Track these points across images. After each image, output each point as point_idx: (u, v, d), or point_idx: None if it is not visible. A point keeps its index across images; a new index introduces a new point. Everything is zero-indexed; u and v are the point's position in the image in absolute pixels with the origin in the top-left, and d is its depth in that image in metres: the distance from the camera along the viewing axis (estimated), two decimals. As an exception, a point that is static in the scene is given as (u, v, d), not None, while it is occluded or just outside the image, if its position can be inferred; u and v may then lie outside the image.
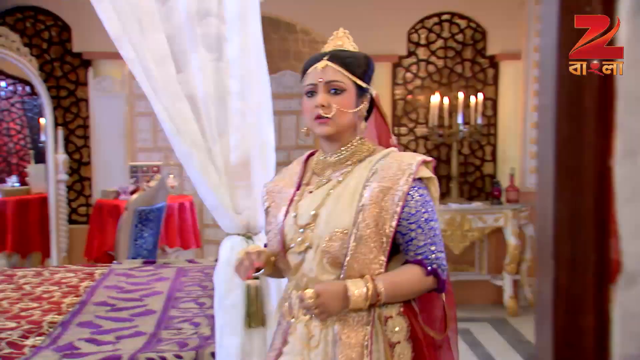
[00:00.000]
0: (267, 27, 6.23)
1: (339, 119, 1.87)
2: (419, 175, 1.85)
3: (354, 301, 1.75)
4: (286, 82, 6.25)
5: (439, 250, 1.85)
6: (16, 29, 6.10)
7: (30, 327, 2.89)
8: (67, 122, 6.27)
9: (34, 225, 5.95)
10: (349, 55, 1.94)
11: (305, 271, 1.88)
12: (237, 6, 2.36)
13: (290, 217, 1.92)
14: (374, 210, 1.81)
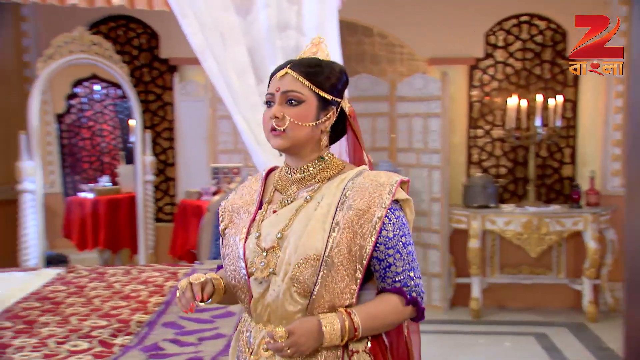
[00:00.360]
0: (344, 30, 6.18)
1: (293, 132, 1.69)
2: (395, 197, 1.67)
3: (329, 338, 1.60)
4: (362, 85, 6.20)
5: (417, 276, 1.69)
6: (109, 37, 6.30)
7: (119, 325, 2.96)
8: (154, 125, 6.42)
9: (123, 223, 6.12)
10: (313, 64, 1.73)
11: (269, 300, 1.67)
12: (316, 19, 2.34)
13: (252, 238, 1.72)
14: (348, 234, 1.63)
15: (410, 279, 1.67)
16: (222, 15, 2.36)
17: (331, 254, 1.62)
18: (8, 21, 6.12)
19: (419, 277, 1.70)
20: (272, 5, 2.31)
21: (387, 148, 6.36)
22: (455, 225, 6.05)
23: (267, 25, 2.34)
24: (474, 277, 5.94)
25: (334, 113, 1.74)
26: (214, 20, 2.35)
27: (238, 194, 1.88)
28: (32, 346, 2.70)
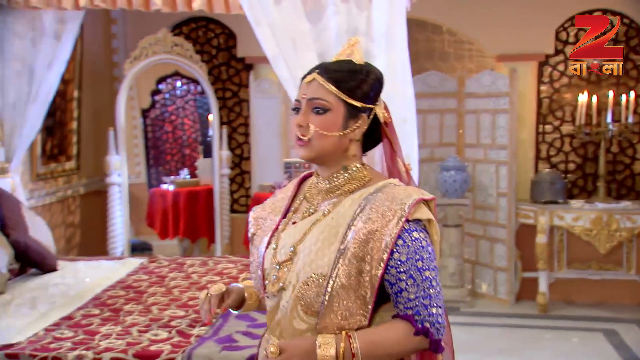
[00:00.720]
0: (413, 28, 6.15)
1: (318, 142, 1.54)
2: (414, 217, 1.49)
3: (321, 359, 1.45)
4: (431, 81, 6.10)
5: (435, 305, 1.49)
6: (190, 37, 6.42)
7: (196, 316, 3.02)
8: (230, 121, 6.51)
9: (202, 213, 6.25)
10: (343, 69, 1.56)
11: (279, 316, 1.57)
12: (385, 25, 2.31)
13: (270, 249, 1.61)
14: (358, 255, 1.48)
15: (424, 307, 1.48)
16: (294, 23, 2.35)
17: (339, 275, 1.48)
18: (99, 24, 6.31)
19: (436, 305, 1.50)
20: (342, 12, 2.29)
21: (454, 144, 6.25)
22: (522, 220, 5.89)
23: (336, 31, 2.32)
24: (541, 272, 5.77)
25: (364, 121, 1.58)
26: (286, 28, 2.35)
27: (272, 199, 1.76)
28: (116, 334, 2.79)
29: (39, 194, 5.28)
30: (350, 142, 1.57)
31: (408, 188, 1.57)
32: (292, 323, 1.55)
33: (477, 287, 6.20)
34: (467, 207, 5.96)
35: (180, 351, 2.54)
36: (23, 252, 3.79)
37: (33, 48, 4.29)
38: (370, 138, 1.64)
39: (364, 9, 2.31)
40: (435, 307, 1.50)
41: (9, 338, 2.76)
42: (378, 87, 1.59)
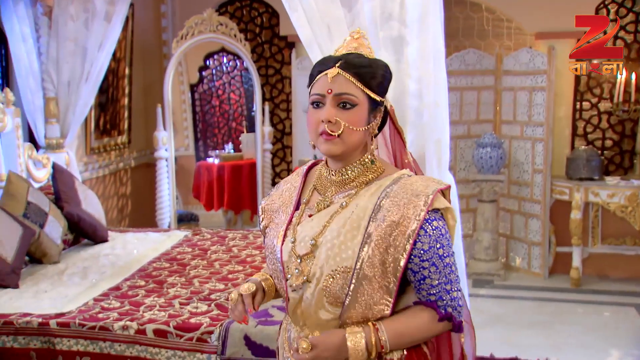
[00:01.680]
0: (453, 6, 5.98)
1: (348, 137, 1.50)
2: (433, 207, 1.47)
3: (354, 355, 1.46)
4: (469, 59, 5.94)
5: (455, 289, 1.50)
6: (235, 16, 6.38)
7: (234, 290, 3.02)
8: (273, 97, 6.49)
9: (245, 186, 6.27)
10: (365, 64, 1.52)
11: (303, 308, 1.55)
12: (419, 10, 2.22)
13: (288, 243, 1.57)
14: (381, 247, 1.46)
15: (447, 292, 1.49)
16: (329, 8, 2.29)
17: (363, 267, 1.46)
18: (149, 4, 6.32)
19: (457, 289, 1.50)
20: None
21: (491, 120, 6.10)
22: (557, 196, 5.74)
23: (370, 16, 2.25)
24: (575, 247, 5.63)
25: (381, 114, 1.58)
26: (321, 14, 2.29)
27: (279, 191, 1.72)
28: (160, 305, 2.82)
29: (93, 167, 5.36)
30: (369, 136, 1.57)
31: (423, 178, 1.56)
32: (318, 314, 1.53)
33: (511, 260, 6.09)
34: (502, 183, 5.83)
35: (218, 325, 2.56)
36: (76, 223, 3.86)
37: (86, 29, 4.32)
38: (379, 131, 1.63)
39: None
40: (456, 291, 1.51)
41: (61, 307, 2.83)
42: (390, 80, 1.59)
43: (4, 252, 3.15)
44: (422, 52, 2.27)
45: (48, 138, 4.38)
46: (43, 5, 4.21)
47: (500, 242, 6.06)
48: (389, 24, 2.29)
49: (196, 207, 6.70)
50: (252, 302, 1.62)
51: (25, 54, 4.16)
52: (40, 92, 4.31)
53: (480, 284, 5.60)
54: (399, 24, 2.29)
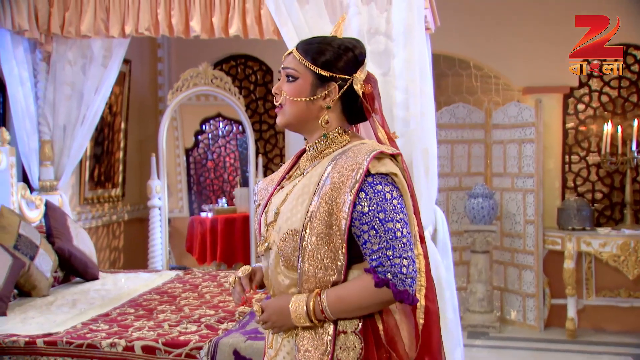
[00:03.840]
0: (442, 63, 6.20)
1: (289, 108, 1.60)
2: (377, 171, 1.49)
3: (295, 318, 1.51)
4: (459, 113, 6.11)
5: (398, 255, 1.45)
6: (230, 74, 6.57)
7: (225, 315, 3.02)
8: (267, 152, 6.60)
9: (238, 239, 6.27)
10: (317, 41, 1.62)
11: (269, 275, 1.61)
12: (404, 24, 2.34)
13: (264, 214, 1.66)
14: (325, 209, 1.49)
15: (387, 258, 1.45)
16: (317, 23, 2.40)
17: (308, 229, 1.50)
18: (146, 61, 6.52)
19: (399, 256, 1.45)
20: (363, 13, 2.33)
21: (482, 173, 6.20)
22: (549, 246, 5.77)
23: (358, 31, 2.36)
24: (569, 298, 5.61)
25: (335, 90, 1.60)
26: (310, 28, 2.40)
27: (274, 173, 1.82)
28: (148, 327, 2.80)
29: (86, 217, 5.38)
30: (322, 110, 1.60)
31: (375, 144, 1.57)
32: (278, 279, 1.59)
33: (506, 313, 6.04)
34: (495, 233, 5.86)
35: (207, 341, 2.53)
36: (67, 259, 3.85)
37: (83, 74, 4.44)
38: (354, 110, 1.64)
39: (384, 10, 2.35)
40: (399, 257, 1.46)
41: (48, 329, 2.80)
42: (346, 58, 1.61)
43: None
44: (408, 63, 2.38)
45: (42, 180, 4.42)
46: (42, 51, 4.36)
47: (495, 295, 6.03)
48: (376, 38, 2.40)
49: (189, 264, 6.67)
50: (249, 283, 1.67)
51: (22, 97, 4.26)
52: (36, 134, 4.39)
53: (476, 336, 5.53)
54: (385, 38, 2.40)
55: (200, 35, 4.03)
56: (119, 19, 4.04)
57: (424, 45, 2.41)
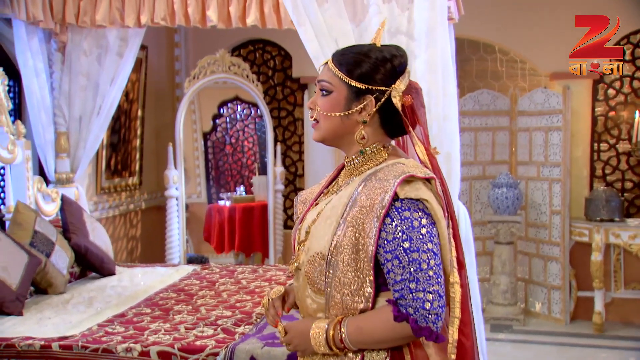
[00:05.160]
0: (467, 48, 6.09)
1: (323, 123, 1.54)
2: (405, 195, 1.40)
3: (315, 344, 1.46)
4: (483, 100, 6.01)
5: (422, 289, 1.36)
6: (248, 59, 6.53)
7: (242, 316, 3.01)
8: (285, 139, 6.56)
9: (256, 228, 6.27)
10: (352, 52, 1.53)
11: (298, 295, 1.58)
12: (426, 24, 2.28)
13: (297, 231, 1.61)
14: (352, 234, 1.42)
15: (409, 291, 1.37)
16: (337, 23, 2.35)
17: (335, 254, 1.44)
18: (163, 47, 6.50)
19: (423, 290, 1.36)
20: (383, 12, 2.27)
21: (506, 161, 6.12)
22: (576, 238, 5.69)
23: (378, 30, 2.31)
24: (597, 291, 5.54)
25: (371, 103, 1.51)
26: (329, 28, 2.35)
27: (315, 184, 1.76)
28: (165, 330, 2.81)
29: (103, 207, 5.41)
30: (358, 124, 1.53)
31: (410, 164, 1.48)
32: (306, 302, 1.55)
33: (531, 305, 5.99)
34: (519, 224, 5.79)
35: (224, 347, 2.53)
36: (83, 255, 3.88)
37: (98, 64, 4.43)
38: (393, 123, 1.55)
39: (406, 9, 2.29)
40: (423, 291, 1.37)
41: (64, 331, 2.82)
42: (386, 69, 1.52)
43: (9, 279, 3.17)
44: (431, 65, 2.32)
45: (58, 173, 4.44)
46: (57, 41, 4.35)
47: (519, 287, 5.98)
48: (397, 38, 2.34)
49: (206, 253, 6.70)
50: (281, 306, 1.66)
51: (37, 88, 4.26)
52: (52, 126, 4.40)
53: (499, 329, 5.49)
54: (407, 38, 2.34)
55: (217, 25, 4.00)
56: (135, 9, 4.02)
57: (447, 45, 2.35)
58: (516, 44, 6.02)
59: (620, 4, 5.51)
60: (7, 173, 3.98)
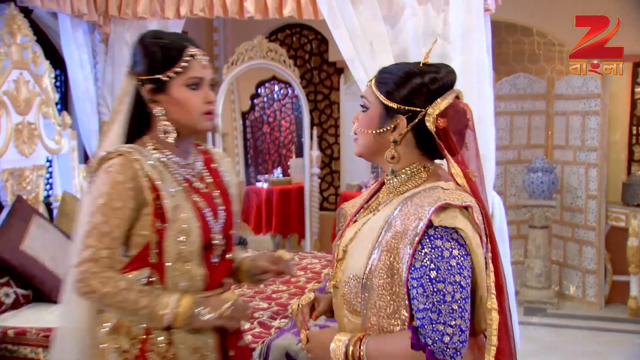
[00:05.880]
0: (503, 31, 5.93)
1: (360, 139, 1.52)
2: (440, 223, 1.34)
3: (334, 356, 1.44)
4: (519, 84, 5.85)
5: (442, 321, 1.32)
6: (285, 43, 6.48)
7: (277, 309, 3.02)
8: (321, 122, 6.53)
9: (293, 210, 6.28)
10: (388, 70, 1.50)
11: (336, 312, 1.56)
12: (462, 27, 2.20)
13: (336, 248, 1.57)
14: (387, 258, 1.38)
15: (430, 322, 1.33)
16: (372, 25, 2.29)
17: (370, 277, 1.40)
18: (202, 32, 6.48)
19: (444, 323, 1.32)
20: (419, 15, 2.20)
21: (542, 145, 5.97)
22: (612, 222, 5.54)
23: (413, 33, 2.24)
24: (632, 276, 5.41)
25: (403, 123, 1.46)
26: (364, 31, 2.29)
27: (360, 197, 1.72)
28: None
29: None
30: (390, 144, 1.48)
31: (448, 191, 1.41)
32: (343, 321, 1.52)
33: (565, 288, 5.89)
34: (554, 208, 5.67)
35: (260, 342, 2.54)
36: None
37: (139, 55, 4.42)
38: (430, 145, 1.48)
39: (441, 11, 2.21)
40: (444, 324, 1.33)
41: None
42: (413, 86, 1.45)
43: (57, 269, 3.23)
44: (466, 68, 2.25)
45: (102, 160, 4.49)
46: (100, 32, 4.36)
47: (553, 270, 5.88)
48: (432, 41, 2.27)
49: (245, 233, 6.75)
50: (309, 313, 1.65)
51: (82, 79, 4.29)
52: (96, 116, 4.44)
53: (532, 312, 5.42)
54: (442, 41, 2.27)
55: (255, 16, 3.96)
56: (174, 1, 4.01)
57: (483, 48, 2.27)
58: (554, 27, 5.83)
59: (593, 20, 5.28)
60: (54, 163, 4.04)
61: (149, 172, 1.63)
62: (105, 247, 1.58)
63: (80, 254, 1.57)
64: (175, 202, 1.64)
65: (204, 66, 1.67)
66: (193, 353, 1.66)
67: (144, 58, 1.68)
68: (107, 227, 1.58)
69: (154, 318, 1.59)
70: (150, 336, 1.65)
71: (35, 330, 2.76)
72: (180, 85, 1.65)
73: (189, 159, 1.78)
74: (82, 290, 1.58)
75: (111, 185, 1.60)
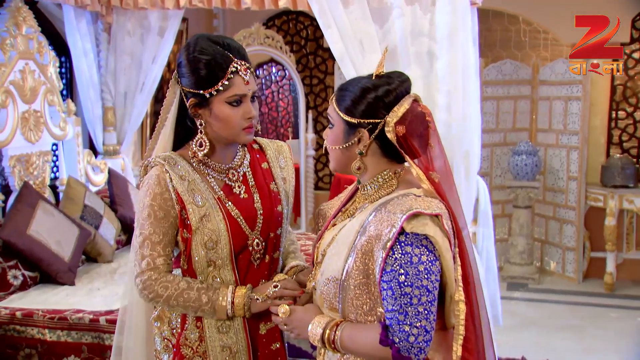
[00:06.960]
0: (491, 18, 5.84)
1: (330, 155, 1.52)
2: (411, 229, 1.33)
3: (311, 336, 1.47)
4: (506, 70, 5.80)
5: (409, 323, 1.33)
6: (282, 29, 6.39)
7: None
8: (317, 106, 6.47)
9: (290, 190, 6.24)
10: (344, 87, 1.49)
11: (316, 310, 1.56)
12: (448, 26, 2.16)
13: (315, 249, 1.60)
14: (362, 261, 1.40)
15: (398, 322, 1.35)
16: (361, 25, 2.24)
17: (347, 278, 1.42)
18: (202, 19, 6.38)
19: (410, 324, 1.33)
20: (406, 15, 2.15)
21: (527, 129, 5.94)
22: (591, 203, 5.54)
23: (401, 33, 2.20)
24: (609, 253, 5.42)
25: (365, 136, 1.45)
26: (354, 30, 2.25)
27: (337, 198, 1.72)
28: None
29: (149, 171, 5.43)
30: (357, 156, 1.47)
31: (420, 199, 1.40)
32: None
33: (546, 264, 5.91)
34: (537, 189, 5.66)
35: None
36: (129, 225, 3.91)
37: (141, 44, 4.38)
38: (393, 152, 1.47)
39: (428, 11, 2.17)
40: (410, 325, 1.34)
41: (110, 303, 2.86)
42: (369, 101, 1.44)
43: (62, 252, 3.22)
44: (452, 67, 2.21)
45: (106, 145, 4.46)
46: (103, 22, 4.29)
47: (535, 247, 5.89)
48: (419, 40, 2.23)
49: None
50: (297, 286, 1.66)
51: (86, 67, 4.24)
52: (100, 102, 4.40)
53: (515, 287, 5.44)
54: (428, 40, 2.23)
55: (251, 7, 3.92)
56: (173, -8, 3.93)
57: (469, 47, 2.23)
58: (540, 15, 5.75)
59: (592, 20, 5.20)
60: (59, 148, 4.00)
61: (175, 184, 1.63)
62: (159, 254, 1.62)
63: (140, 265, 1.62)
64: (203, 212, 1.63)
65: (246, 82, 1.59)
66: (221, 351, 1.68)
67: (188, 72, 1.63)
68: (156, 237, 1.61)
69: (217, 310, 1.61)
70: (185, 331, 1.68)
71: (41, 312, 2.75)
72: (221, 101, 1.59)
73: (233, 161, 1.74)
74: (149, 297, 1.63)
75: (152, 197, 1.62)
